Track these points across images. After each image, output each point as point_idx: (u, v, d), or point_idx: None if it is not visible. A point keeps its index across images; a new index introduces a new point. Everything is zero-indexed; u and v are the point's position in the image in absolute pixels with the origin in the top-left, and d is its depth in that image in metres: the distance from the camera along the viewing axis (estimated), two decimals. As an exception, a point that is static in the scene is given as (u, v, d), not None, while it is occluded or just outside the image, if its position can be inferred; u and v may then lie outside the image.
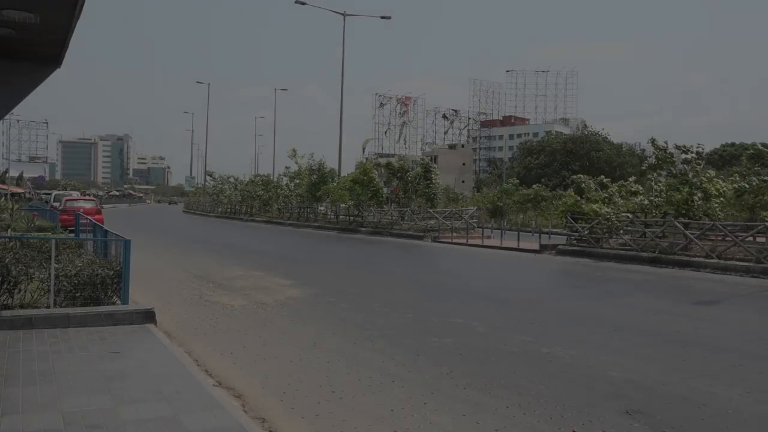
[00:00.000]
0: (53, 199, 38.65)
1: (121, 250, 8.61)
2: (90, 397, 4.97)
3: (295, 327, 8.57)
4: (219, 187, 61.84)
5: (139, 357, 6.27)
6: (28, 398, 4.87)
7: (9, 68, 9.36)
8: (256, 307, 10.05)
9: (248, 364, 6.60)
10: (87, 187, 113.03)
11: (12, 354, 6.15)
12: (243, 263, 16.25)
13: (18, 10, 7.17)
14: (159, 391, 5.19)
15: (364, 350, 7.07)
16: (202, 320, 8.91)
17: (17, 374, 5.50)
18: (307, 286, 12.24)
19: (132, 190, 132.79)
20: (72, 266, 8.20)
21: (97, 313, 7.67)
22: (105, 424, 4.41)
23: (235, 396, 5.44)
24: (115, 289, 8.32)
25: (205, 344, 7.49)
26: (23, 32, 7.98)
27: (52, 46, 8.78)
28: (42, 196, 51.77)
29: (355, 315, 9.37)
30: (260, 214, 47.17)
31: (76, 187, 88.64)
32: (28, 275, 8.03)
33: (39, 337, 6.84)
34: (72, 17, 7.45)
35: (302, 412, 5.14)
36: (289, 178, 45.85)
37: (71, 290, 7.99)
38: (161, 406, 4.81)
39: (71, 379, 5.40)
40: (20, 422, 4.37)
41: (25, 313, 7.40)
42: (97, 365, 5.88)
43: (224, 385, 5.74)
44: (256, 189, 49.61)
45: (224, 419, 4.58)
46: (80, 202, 29.99)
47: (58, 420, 4.44)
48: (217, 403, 4.91)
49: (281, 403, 5.39)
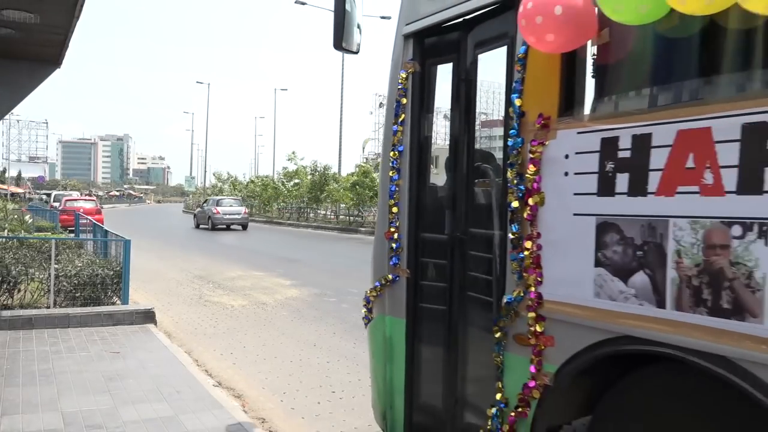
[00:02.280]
0: (53, 199, 38.66)
1: (121, 250, 8.62)
2: (90, 397, 4.97)
3: (295, 327, 8.57)
4: (219, 187, 61.82)
5: (139, 357, 6.27)
6: (28, 398, 4.87)
7: (9, 68, 9.37)
8: (256, 307, 10.05)
9: (248, 364, 6.60)
10: (87, 187, 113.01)
11: (12, 354, 6.15)
12: (243, 263, 16.25)
13: (18, 10, 7.17)
14: (159, 391, 5.19)
15: (364, 350, 7.05)
16: (202, 320, 8.91)
17: (17, 374, 5.50)
18: (307, 286, 12.24)
19: (132, 190, 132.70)
20: (72, 266, 8.20)
21: (97, 313, 7.67)
22: (105, 424, 4.41)
23: (235, 396, 5.44)
24: (115, 289, 8.31)
25: (205, 344, 7.49)
26: (23, 32, 7.99)
27: (52, 46, 8.79)
28: (42, 196, 51.82)
29: (356, 315, 9.36)
30: (260, 214, 47.16)
31: (76, 187, 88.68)
32: (28, 275, 8.03)
33: (39, 337, 6.84)
34: (72, 17, 7.46)
35: (302, 412, 5.14)
36: (287, 178, 45.54)
37: (71, 290, 7.99)
38: (161, 406, 4.81)
39: (71, 379, 5.40)
40: (20, 422, 4.36)
41: (25, 313, 7.40)
42: (97, 365, 5.88)
43: (224, 385, 5.75)
44: (256, 189, 49.59)
45: (224, 419, 4.58)
46: (80, 202, 30.02)
47: (58, 420, 4.44)
48: (217, 403, 4.91)
49: (281, 403, 5.39)
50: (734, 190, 1.97)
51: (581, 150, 2.46)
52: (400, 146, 3.52)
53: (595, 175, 2.41)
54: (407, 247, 3.51)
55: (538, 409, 2.65)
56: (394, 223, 3.55)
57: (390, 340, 3.62)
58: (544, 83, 2.64)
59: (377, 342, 3.77)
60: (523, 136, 2.70)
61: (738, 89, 2.21)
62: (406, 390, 3.56)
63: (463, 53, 3.25)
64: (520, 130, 2.71)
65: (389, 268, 3.57)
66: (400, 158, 3.53)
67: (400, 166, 3.53)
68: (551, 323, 2.59)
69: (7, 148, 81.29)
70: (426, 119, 3.55)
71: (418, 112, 3.50)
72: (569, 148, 2.51)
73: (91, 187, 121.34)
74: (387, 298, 3.63)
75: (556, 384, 2.57)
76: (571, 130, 2.52)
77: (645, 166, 2.23)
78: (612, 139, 2.34)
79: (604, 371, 2.53)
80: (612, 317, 2.32)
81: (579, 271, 2.45)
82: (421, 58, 3.48)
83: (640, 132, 2.25)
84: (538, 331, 2.62)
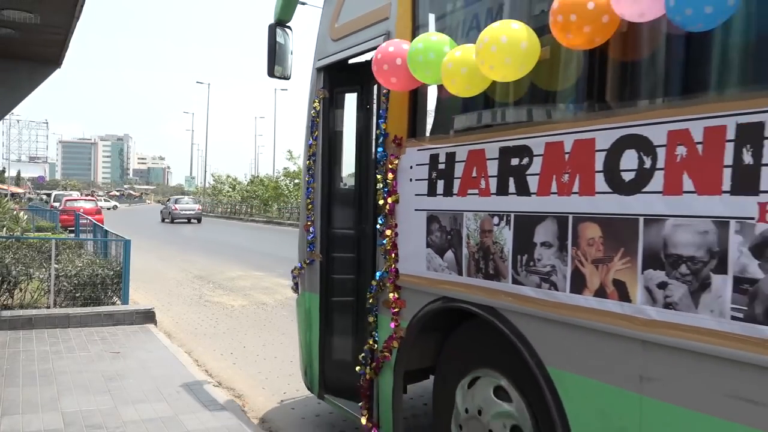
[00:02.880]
0: (53, 199, 38.69)
1: (121, 250, 8.62)
2: (90, 397, 4.97)
3: (295, 327, 8.56)
4: (218, 187, 61.80)
5: (139, 357, 6.27)
6: (28, 398, 4.87)
7: (9, 68, 9.38)
8: (256, 307, 10.06)
9: (248, 364, 6.60)
10: (87, 187, 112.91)
11: (12, 354, 6.15)
12: (243, 263, 16.26)
13: (18, 10, 7.18)
14: (159, 391, 5.19)
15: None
16: (202, 320, 8.92)
17: (17, 374, 5.51)
18: (307, 286, 12.22)
19: (132, 190, 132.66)
20: (72, 266, 8.21)
21: (97, 313, 7.67)
22: (105, 424, 4.41)
23: (235, 396, 5.44)
24: (115, 289, 8.32)
25: (205, 344, 7.50)
26: (23, 32, 7.99)
27: (52, 46, 8.79)
28: (42, 197, 51.81)
29: (355, 315, 9.36)
30: (260, 214, 47.16)
31: (77, 187, 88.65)
32: (28, 275, 8.03)
33: (39, 337, 6.84)
34: (72, 17, 7.46)
35: (302, 413, 5.15)
36: (289, 178, 45.56)
37: (71, 290, 7.99)
38: (161, 406, 4.81)
39: (71, 379, 5.40)
40: (20, 422, 4.37)
41: (25, 313, 7.40)
42: (97, 365, 5.89)
43: (224, 385, 5.75)
44: (256, 189, 49.58)
45: (224, 419, 4.58)
46: (80, 202, 30.04)
47: (58, 420, 4.44)
48: (217, 403, 4.91)
49: (281, 403, 5.40)
50: (495, 192, 2.88)
51: (419, 163, 3.38)
52: (314, 156, 4.41)
53: (426, 180, 3.32)
54: (320, 237, 4.38)
55: (398, 355, 3.56)
56: (310, 218, 4.44)
57: (309, 312, 4.52)
58: (399, 112, 3.57)
59: (301, 314, 4.71)
60: (387, 152, 3.60)
61: (499, 123, 3.11)
62: (320, 351, 4.42)
63: (362, 85, 4.21)
64: (384, 147, 3.62)
65: (307, 254, 4.47)
66: (314, 166, 4.41)
67: (314, 172, 4.41)
68: (404, 291, 3.51)
69: (8, 148, 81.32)
70: (335, 135, 4.45)
71: (328, 130, 4.40)
72: (413, 161, 3.43)
73: (92, 187, 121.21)
74: (306, 278, 4.55)
75: (407, 335, 3.48)
76: (413, 148, 3.43)
77: (451, 175, 3.14)
78: (435, 155, 3.26)
79: (445, 327, 3.44)
80: (436, 284, 3.24)
81: (418, 251, 3.36)
82: (330, 87, 4.38)
83: (448, 151, 3.17)
84: (396, 297, 3.53)
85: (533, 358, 2.69)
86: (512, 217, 2.78)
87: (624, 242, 2.29)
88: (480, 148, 2.96)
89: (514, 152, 2.78)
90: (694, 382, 2.10)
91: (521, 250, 2.72)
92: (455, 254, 3.09)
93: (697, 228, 2.06)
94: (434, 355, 3.59)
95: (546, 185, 2.62)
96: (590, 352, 2.46)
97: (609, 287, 2.34)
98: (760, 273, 1.89)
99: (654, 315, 2.19)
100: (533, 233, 2.67)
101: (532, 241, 2.67)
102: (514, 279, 2.75)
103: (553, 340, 2.61)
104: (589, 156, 2.44)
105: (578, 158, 2.49)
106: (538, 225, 2.64)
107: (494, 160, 2.88)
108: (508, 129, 2.91)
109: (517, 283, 2.73)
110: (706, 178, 2.04)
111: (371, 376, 3.77)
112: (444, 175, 3.19)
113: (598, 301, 2.38)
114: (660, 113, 2.22)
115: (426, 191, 3.31)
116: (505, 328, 2.82)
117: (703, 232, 2.05)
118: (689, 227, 2.09)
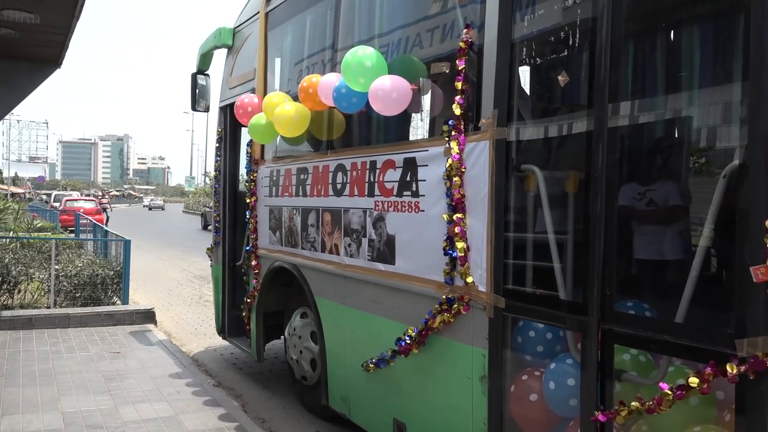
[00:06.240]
0: (53, 199, 38.64)
1: (121, 250, 8.62)
2: (90, 397, 4.98)
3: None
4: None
5: (139, 357, 6.27)
6: (28, 398, 4.88)
7: (9, 68, 9.37)
8: (256, 307, 10.03)
9: (248, 365, 6.59)
10: (87, 187, 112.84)
11: (12, 354, 6.15)
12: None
13: (18, 10, 7.17)
14: (159, 391, 5.19)
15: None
16: (202, 320, 8.91)
17: (17, 374, 5.51)
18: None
19: (132, 190, 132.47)
20: (72, 266, 8.20)
21: (97, 313, 7.67)
22: (105, 424, 4.41)
23: (235, 396, 5.44)
24: (115, 289, 8.32)
25: (205, 344, 7.50)
26: (23, 32, 7.99)
27: (52, 47, 8.79)
28: (43, 197, 51.76)
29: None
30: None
31: (77, 187, 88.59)
32: (28, 275, 8.03)
33: (39, 337, 6.84)
34: (72, 17, 7.45)
35: (303, 413, 5.14)
36: None
37: (71, 290, 7.99)
38: (161, 406, 4.81)
39: (71, 379, 5.40)
40: (20, 422, 4.37)
41: (25, 313, 7.40)
42: (97, 365, 5.89)
43: (224, 385, 5.75)
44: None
45: (224, 419, 4.58)
46: (80, 202, 30.02)
47: (58, 420, 4.44)
48: (217, 403, 4.91)
49: (281, 403, 5.39)
50: (294, 194, 4.86)
51: (265, 175, 5.43)
52: (219, 169, 6.48)
53: (267, 186, 5.36)
54: (223, 226, 6.38)
55: (258, 300, 5.49)
56: (217, 212, 6.52)
57: (217, 279, 6.59)
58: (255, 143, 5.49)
59: (213, 280, 6.85)
60: (252, 167, 5.60)
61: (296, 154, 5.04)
62: (222, 306, 6.39)
63: None
64: (250, 164, 5.64)
65: (215, 237, 6.52)
66: (219, 176, 6.50)
67: (219, 179, 6.50)
68: (260, 259, 5.50)
69: (8, 148, 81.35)
70: (233, 155, 6.41)
71: (229, 152, 6.41)
72: (263, 174, 5.48)
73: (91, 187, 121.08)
74: (215, 254, 6.61)
75: (262, 287, 5.41)
76: (263, 166, 5.51)
77: (278, 183, 5.15)
78: (272, 171, 5.31)
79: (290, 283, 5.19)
80: (273, 252, 5.25)
81: (265, 232, 5.40)
82: (231, 122, 6.20)
83: (276, 168, 5.22)
84: (256, 263, 5.53)
85: (309, 293, 4.67)
86: (300, 210, 4.74)
87: (339, 222, 4.17)
88: (288, 167, 4.99)
89: (301, 171, 4.76)
90: (359, 294, 4.06)
91: (303, 228, 4.68)
92: (279, 233, 5.11)
93: (358, 213, 3.98)
94: (283, 302, 5.45)
95: (313, 190, 4.55)
96: (326, 284, 4.45)
97: (332, 248, 4.26)
98: (375, 236, 3.79)
99: (347, 261, 4.10)
100: (307, 219, 4.61)
101: (307, 223, 4.62)
102: (302, 246, 4.71)
103: (316, 279, 4.59)
104: (326, 174, 4.36)
105: (324, 175, 4.40)
106: (309, 213, 4.60)
107: (294, 176, 4.87)
108: (300, 157, 4.91)
109: (303, 248, 4.69)
110: (360, 188, 3.96)
111: (247, 316, 5.64)
112: (275, 183, 5.22)
113: (329, 255, 4.31)
114: (349, 152, 4.22)
115: (268, 193, 5.35)
116: (299, 276, 4.79)
117: (360, 215, 3.96)
118: (355, 213, 4.01)
